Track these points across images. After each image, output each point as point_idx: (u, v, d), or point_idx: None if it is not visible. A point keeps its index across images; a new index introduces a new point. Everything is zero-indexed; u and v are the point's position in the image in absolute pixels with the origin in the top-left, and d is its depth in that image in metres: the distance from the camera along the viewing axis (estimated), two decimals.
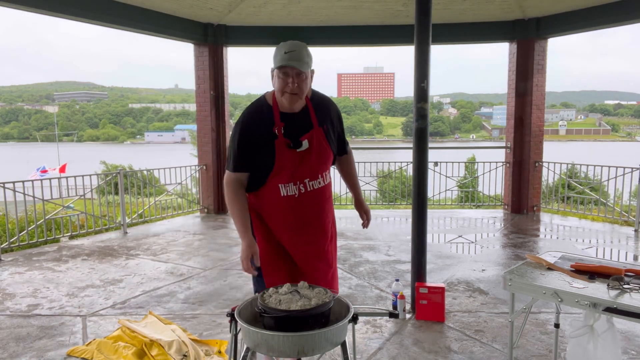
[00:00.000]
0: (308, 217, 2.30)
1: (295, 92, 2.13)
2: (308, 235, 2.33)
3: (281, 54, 2.11)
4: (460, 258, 5.53)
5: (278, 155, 2.19)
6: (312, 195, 2.29)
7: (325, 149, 2.28)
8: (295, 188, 2.24)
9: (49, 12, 5.99)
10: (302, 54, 2.11)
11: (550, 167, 8.23)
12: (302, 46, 2.14)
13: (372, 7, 7.25)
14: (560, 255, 2.55)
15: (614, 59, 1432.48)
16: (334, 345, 1.70)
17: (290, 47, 2.12)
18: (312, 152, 2.23)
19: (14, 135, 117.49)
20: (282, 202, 2.26)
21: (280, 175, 2.22)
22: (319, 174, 2.29)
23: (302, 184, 2.25)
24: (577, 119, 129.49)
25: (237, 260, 5.52)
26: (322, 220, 2.37)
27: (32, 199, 6.33)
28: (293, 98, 2.15)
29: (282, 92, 2.15)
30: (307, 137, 2.22)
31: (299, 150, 2.19)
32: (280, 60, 2.11)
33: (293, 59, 2.08)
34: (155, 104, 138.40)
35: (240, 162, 2.23)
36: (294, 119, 2.22)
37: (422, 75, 3.77)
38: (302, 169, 2.23)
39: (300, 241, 2.33)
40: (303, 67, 2.10)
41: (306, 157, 2.22)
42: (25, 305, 4.14)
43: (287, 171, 2.21)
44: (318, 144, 2.25)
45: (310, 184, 2.27)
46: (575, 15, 7.29)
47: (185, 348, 3.16)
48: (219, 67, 8.30)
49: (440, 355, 3.19)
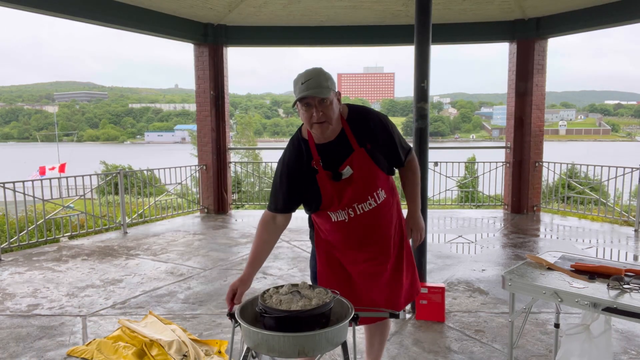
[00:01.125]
0: (360, 238, 2.25)
1: (322, 120, 2.04)
2: (367, 253, 2.27)
3: (298, 85, 2.04)
4: (460, 258, 5.53)
5: (322, 189, 2.14)
6: (362, 218, 2.21)
7: (370, 170, 2.15)
8: (345, 213, 2.19)
9: (49, 12, 5.99)
10: (319, 80, 2.02)
11: (550, 167, 8.23)
12: (319, 72, 2.05)
13: (372, 7, 7.25)
14: (560, 255, 2.55)
15: (610, 58, 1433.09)
16: (334, 346, 1.70)
17: (306, 77, 2.04)
18: (356, 177, 2.13)
19: (14, 135, 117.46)
20: (335, 226, 2.25)
21: (329, 206, 2.19)
22: (368, 196, 2.18)
23: (351, 208, 2.18)
24: (577, 119, 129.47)
25: (237, 260, 5.53)
26: (376, 239, 2.27)
27: (32, 199, 6.33)
28: (323, 127, 2.06)
29: (310, 124, 2.07)
30: (348, 163, 2.12)
31: (344, 177, 2.12)
32: (299, 92, 2.03)
33: (311, 87, 2.00)
34: (155, 104, 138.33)
35: (280, 203, 2.18)
36: (331, 147, 2.13)
37: (422, 75, 3.77)
38: (347, 196, 2.15)
39: (358, 259, 2.29)
40: (323, 93, 2.00)
41: (351, 182, 2.13)
42: (25, 305, 4.14)
43: (335, 202, 2.17)
44: (361, 166, 2.13)
45: (360, 207, 2.18)
46: (575, 15, 7.29)
47: (185, 348, 3.16)
48: (219, 67, 8.30)
49: (440, 355, 3.19)
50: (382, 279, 2.30)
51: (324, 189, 2.14)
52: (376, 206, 2.20)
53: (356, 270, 2.30)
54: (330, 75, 2.09)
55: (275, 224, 2.21)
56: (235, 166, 9.58)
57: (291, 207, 2.20)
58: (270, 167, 11.99)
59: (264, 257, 2.19)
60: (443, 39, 7.96)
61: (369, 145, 2.14)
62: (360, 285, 2.31)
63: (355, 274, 2.31)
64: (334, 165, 2.12)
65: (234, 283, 2.04)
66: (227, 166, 8.63)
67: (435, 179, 8.59)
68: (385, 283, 2.31)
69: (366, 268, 2.28)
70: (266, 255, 2.20)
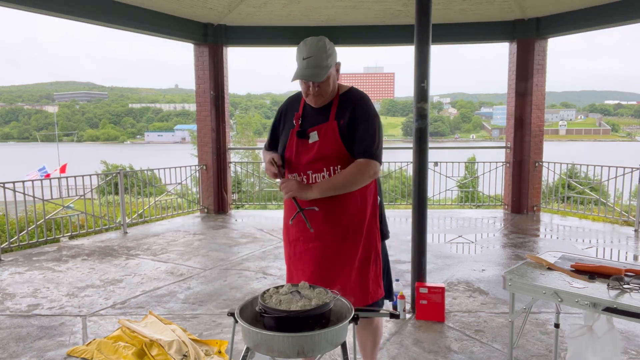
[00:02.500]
0: (307, 213, 2.17)
1: (317, 94, 2.16)
2: (307, 233, 2.23)
3: (300, 59, 2.11)
4: (460, 258, 5.53)
5: (289, 142, 2.26)
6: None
7: (334, 143, 2.18)
8: (299, 179, 2.24)
9: (49, 12, 5.99)
10: (319, 60, 2.08)
11: (550, 167, 8.23)
12: (321, 48, 2.10)
13: (372, 7, 7.25)
14: (560, 255, 2.55)
15: (610, 58, 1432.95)
16: (334, 346, 1.70)
17: (308, 52, 2.09)
18: (319, 145, 2.19)
19: (14, 135, 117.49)
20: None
21: (288, 164, 2.29)
22: (324, 168, 2.19)
23: (305, 175, 2.22)
24: (577, 119, 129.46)
25: (237, 260, 5.53)
26: (325, 221, 2.20)
27: (32, 199, 6.33)
28: (317, 100, 2.20)
29: (305, 94, 2.21)
30: (317, 129, 2.21)
31: (310, 141, 2.20)
32: (299, 68, 2.11)
33: (310, 66, 2.08)
34: (155, 104, 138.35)
35: (269, 145, 2.43)
36: (314, 111, 2.25)
37: (422, 75, 3.77)
38: (303, 158, 2.22)
39: (301, 239, 2.28)
40: (321, 75, 2.09)
41: (312, 148, 2.20)
42: (25, 305, 4.14)
43: (292, 159, 2.25)
44: (327, 136, 2.19)
45: (314, 176, 2.21)
46: (575, 15, 7.29)
47: (185, 348, 3.16)
48: (219, 67, 8.30)
49: (440, 355, 3.19)
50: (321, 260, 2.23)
51: (290, 143, 2.26)
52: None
53: (294, 249, 2.32)
54: (332, 48, 2.15)
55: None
56: (235, 166, 9.58)
57: (275, 147, 2.39)
58: None
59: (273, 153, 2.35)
60: (443, 39, 7.96)
61: (343, 121, 2.18)
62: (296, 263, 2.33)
63: (292, 252, 2.34)
64: (308, 127, 2.24)
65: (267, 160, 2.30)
66: (227, 166, 8.62)
67: (435, 179, 8.59)
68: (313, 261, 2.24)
69: (301, 247, 2.28)
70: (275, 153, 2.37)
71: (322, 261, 2.24)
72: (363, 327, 2.47)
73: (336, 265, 2.24)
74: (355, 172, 2.14)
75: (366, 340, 2.52)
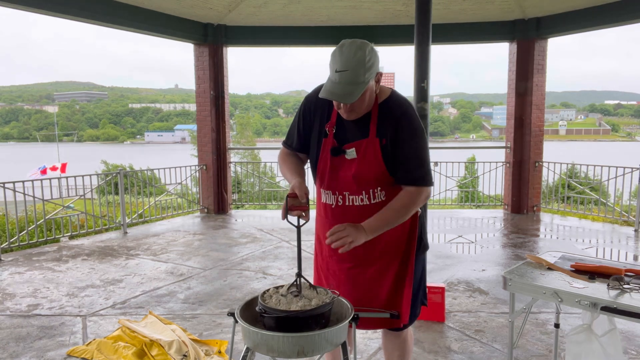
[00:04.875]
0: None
1: (349, 110, 1.85)
2: (342, 255, 1.98)
3: (332, 70, 1.77)
4: (460, 258, 5.53)
5: (321, 155, 1.97)
6: (350, 211, 1.96)
7: (373, 164, 1.90)
8: (334, 198, 1.98)
9: (49, 12, 5.99)
10: (356, 75, 1.72)
11: (550, 167, 8.23)
12: (359, 60, 1.72)
13: (372, 7, 7.25)
14: (560, 255, 2.54)
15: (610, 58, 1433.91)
16: (334, 346, 1.70)
17: (343, 64, 1.73)
18: (356, 164, 1.91)
19: (14, 135, 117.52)
20: (322, 208, 2.06)
21: (321, 178, 2.00)
22: (363, 191, 1.93)
23: (341, 195, 1.96)
24: (577, 119, 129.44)
25: (237, 260, 5.52)
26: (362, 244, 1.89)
27: (32, 199, 6.33)
28: (349, 115, 1.88)
29: (337, 107, 1.88)
30: (355, 146, 1.91)
31: (347, 157, 1.92)
32: (328, 82, 1.78)
33: (342, 81, 1.73)
34: (155, 104, 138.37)
35: (296, 142, 2.05)
36: (350, 122, 1.92)
37: (422, 75, 3.77)
38: (341, 179, 1.94)
39: (335, 257, 2.05)
40: (354, 95, 1.73)
41: (349, 167, 1.92)
42: (25, 305, 4.14)
43: (326, 176, 1.97)
44: (366, 156, 1.90)
45: (351, 198, 1.95)
46: (575, 15, 7.29)
47: (185, 348, 3.16)
48: (219, 67, 8.30)
49: (440, 355, 3.19)
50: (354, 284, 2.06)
51: (323, 156, 1.97)
52: (369, 205, 1.95)
53: (330, 271, 2.12)
54: (373, 58, 1.77)
55: (296, 154, 2.09)
56: (235, 166, 9.58)
57: (305, 147, 2.06)
58: (270, 167, 11.99)
59: (302, 172, 2.00)
60: (443, 39, 7.96)
61: (385, 140, 1.89)
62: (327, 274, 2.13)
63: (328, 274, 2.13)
64: (344, 140, 1.93)
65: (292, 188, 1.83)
66: (227, 166, 8.63)
67: (435, 179, 8.57)
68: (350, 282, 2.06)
69: (336, 268, 2.08)
70: (303, 172, 2.01)
71: (359, 282, 2.05)
72: (390, 339, 2.27)
73: (373, 286, 2.05)
74: (407, 204, 1.90)
75: (392, 354, 2.29)
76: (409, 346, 2.30)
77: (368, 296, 2.05)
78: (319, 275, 2.21)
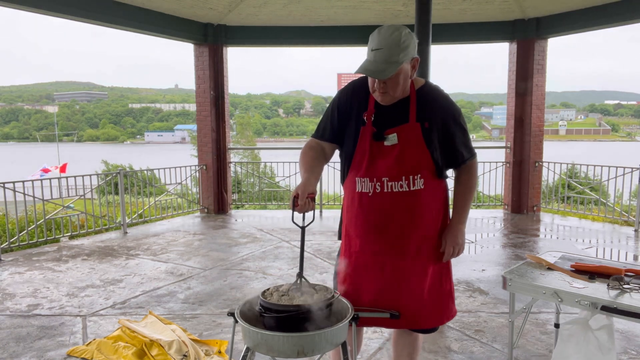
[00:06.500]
0: (379, 223, 1.97)
1: (383, 91, 1.89)
2: (377, 245, 1.99)
3: (369, 49, 1.82)
4: (460, 258, 5.50)
5: (360, 143, 1.98)
6: (389, 198, 1.95)
7: (416, 149, 1.94)
8: (371, 185, 1.96)
9: (48, 12, 5.99)
10: (390, 54, 1.79)
11: (550, 167, 8.23)
12: (394, 40, 1.79)
13: (372, 7, 7.25)
14: (560, 255, 2.55)
15: (610, 58, 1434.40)
16: (334, 346, 1.70)
17: (378, 43, 1.80)
18: (398, 148, 1.94)
19: (14, 135, 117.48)
20: (356, 198, 2.02)
21: (358, 167, 2.00)
22: (403, 176, 1.93)
23: (380, 182, 1.95)
24: (577, 119, 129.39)
25: (237, 260, 5.53)
26: (398, 232, 1.97)
27: (32, 199, 6.33)
28: (384, 97, 1.91)
29: (372, 90, 1.94)
30: (397, 131, 1.94)
31: (386, 144, 1.94)
32: (365, 61, 1.84)
33: (377, 60, 1.80)
34: (155, 104, 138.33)
35: (328, 131, 2.07)
36: (389, 109, 1.96)
37: (422, 75, 3.75)
38: (381, 164, 1.95)
39: (368, 251, 2.01)
40: (387, 72, 1.79)
41: (390, 153, 1.94)
42: (25, 305, 4.14)
43: (364, 163, 1.97)
44: (409, 140, 1.93)
45: (390, 184, 1.94)
46: (575, 15, 7.29)
47: (185, 348, 3.16)
48: (219, 67, 8.30)
49: (440, 355, 3.19)
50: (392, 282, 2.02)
51: (361, 144, 1.98)
52: (408, 192, 1.95)
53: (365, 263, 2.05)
54: (408, 40, 1.82)
55: (322, 148, 2.09)
56: (235, 166, 9.58)
57: (337, 138, 2.07)
58: (270, 167, 12.00)
59: (317, 169, 2.00)
60: (443, 39, 7.96)
61: (427, 124, 1.94)
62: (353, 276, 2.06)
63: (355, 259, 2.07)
64: (383, 127, 1.95)
65: (297, 188, 1.87)
66: (227, 166, 8.63)
67: None
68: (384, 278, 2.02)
69: (373, 261, 2.03)
70: (319, 169, 2.01)
71: (393, 279, 2.02)
72: (403, 336, 2.27)
73: (410, 284, 2.02)
74: (475, 176, 2.14)
75: (402, 352, 2.29)
76: (419, 345, 2.32)
77: (404, 296, 2.03)
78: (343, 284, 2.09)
